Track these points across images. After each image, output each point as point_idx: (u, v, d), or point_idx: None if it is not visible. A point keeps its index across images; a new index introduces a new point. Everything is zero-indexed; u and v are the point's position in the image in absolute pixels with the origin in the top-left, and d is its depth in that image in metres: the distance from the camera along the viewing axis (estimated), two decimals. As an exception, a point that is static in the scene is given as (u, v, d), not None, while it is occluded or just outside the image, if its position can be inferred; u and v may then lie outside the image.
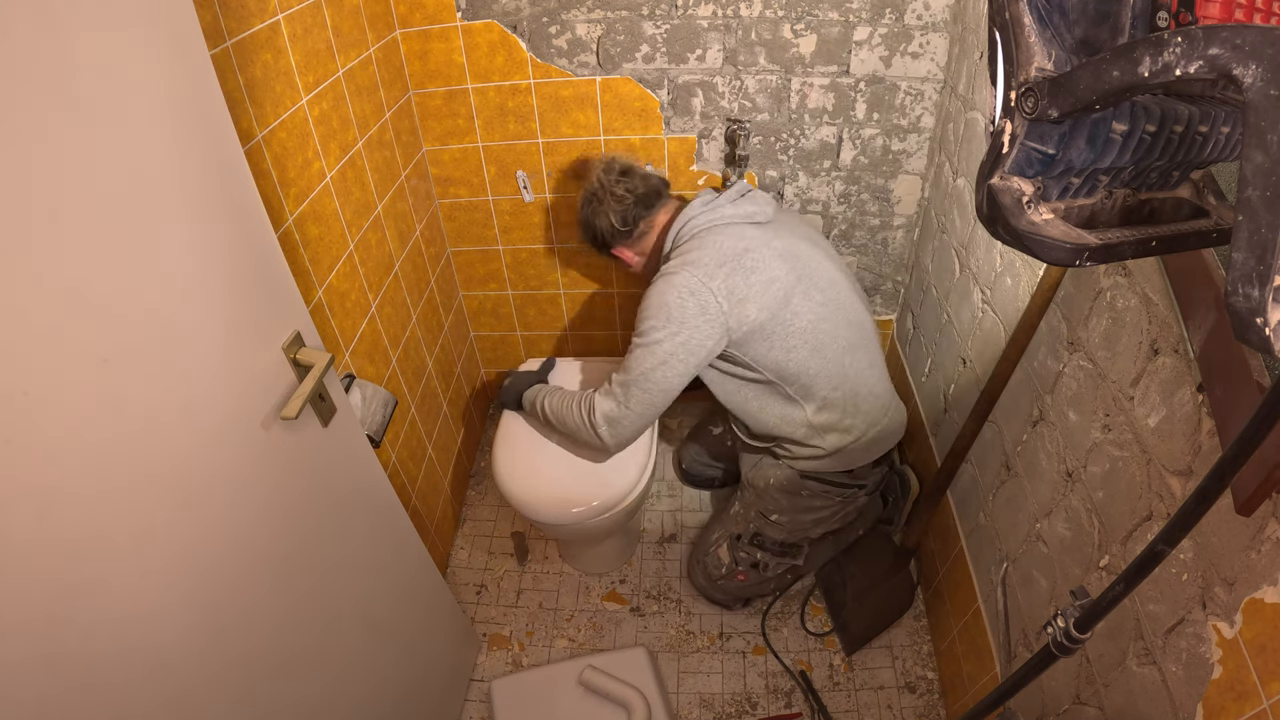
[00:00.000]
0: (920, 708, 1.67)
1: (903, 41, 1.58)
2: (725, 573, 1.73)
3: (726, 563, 1.72)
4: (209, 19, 0.94)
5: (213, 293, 0.79)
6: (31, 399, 0.57)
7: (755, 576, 1.71)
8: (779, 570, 1.70)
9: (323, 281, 1.27)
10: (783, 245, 1.43)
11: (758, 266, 1.38)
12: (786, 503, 1.62)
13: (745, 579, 1.72)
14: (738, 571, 1.72)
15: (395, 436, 1.61)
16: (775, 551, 1.68)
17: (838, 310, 1.47)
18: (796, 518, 1.63)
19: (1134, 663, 0.92)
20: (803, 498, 1.60)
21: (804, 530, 1.67)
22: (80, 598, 0.65)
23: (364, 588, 1.20)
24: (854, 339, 1.49)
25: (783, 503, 1.62)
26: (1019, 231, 0.53)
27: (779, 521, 1.65)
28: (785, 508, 1.62)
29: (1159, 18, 0.50)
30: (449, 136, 1.78)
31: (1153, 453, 0.90)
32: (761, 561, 1.69)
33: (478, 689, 1.73)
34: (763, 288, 1.37)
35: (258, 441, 0.87)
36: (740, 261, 1.37)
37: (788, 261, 1.41)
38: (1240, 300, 0.38)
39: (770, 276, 1.38)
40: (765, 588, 1.76)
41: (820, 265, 1.48)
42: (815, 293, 1.44)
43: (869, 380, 1.53)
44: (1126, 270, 0.97)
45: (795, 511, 1.63)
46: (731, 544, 1.72)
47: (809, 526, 1.66)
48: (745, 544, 1.70)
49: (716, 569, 1.74)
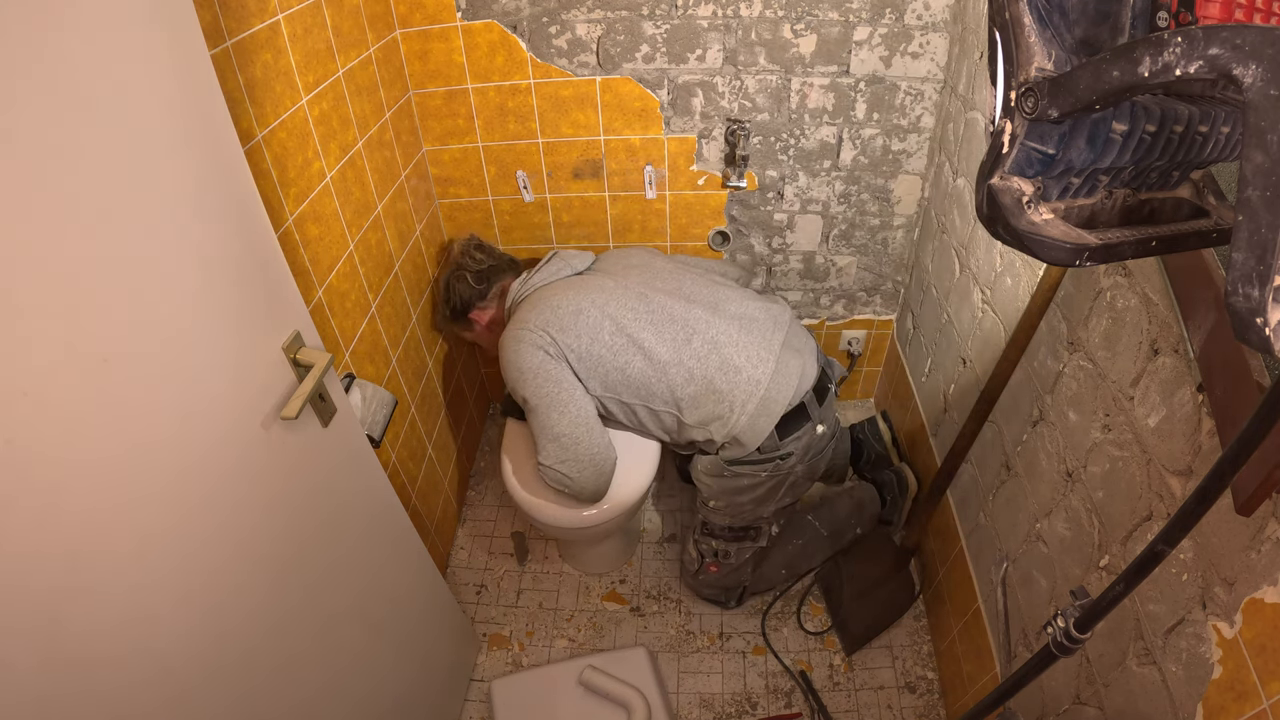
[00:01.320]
0: (920, 708, 1.67)
1: (903, 41, 1.58)
2: (698, 568, 1.78)
3: (695, 557, 1.78)
4: (209, 19, 0.94)
5: (213, 293, 0.79)
6: (32, 399, 0.57)
7: (725, 565, 1.74)
8: (743, 556, 1.72)
9: (323, 281, 1.26)
10: (594, 281, 1.59)
11: (561, 304, 1.52)
12: (717, 486, 1.62)
13: (717, 570, 1.76)
14: (708, 564, 1.76)
15: (395, 436, 1.61)
16: (728, 537, 1.71)
17: (664, 310, 1.53)
18: (731, 499, 1.63)
19: (1134, 663, 0.92)
20: (727, 478, 1.59)
21: (746, 510, 1.65)
22: (80, 599, 0.65)
23: (363, 587, 1.20)
24: (689, 330, 1.52)
25: (714, 487, 1.63)
26: (1019, 231, 0.53)
27: (716, 506, 1.66)
28: (717, 492, 1.63)
29: (1159, 18, 0.50)
30: (449, 136, 1.78)
31: (1153, 453, 0.90)
32: (720, 550, 1.73)
33: (478, 689, 1.73)
34: (572, 318, 1.50)
35: (258, 441, 0.87)
36: (549, 303, 1.53)
37: (594, 292, 1.55)
38: (1240, 300, 0.38)
39: (576, 308, 1.51)
40: (744, 574, 1.76)
41: (652, 275, 1.61)
42: (637, 303, 1.53)
43: (719, 362, 1.50)
44: (1126, 270, 0.97)
45: (728, 494, 1.62)
46: (694, 539, 1.77)
47: (749, 506, 1.64)
48: (700, 535, 1.74)
49: (690, 565, 1.80)
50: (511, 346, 1.50)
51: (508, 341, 1.52)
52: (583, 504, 1.60)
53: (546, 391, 1.48)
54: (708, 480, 1.63)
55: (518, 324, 1.53)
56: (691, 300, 1.56)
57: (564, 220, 1.94)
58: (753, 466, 1.57)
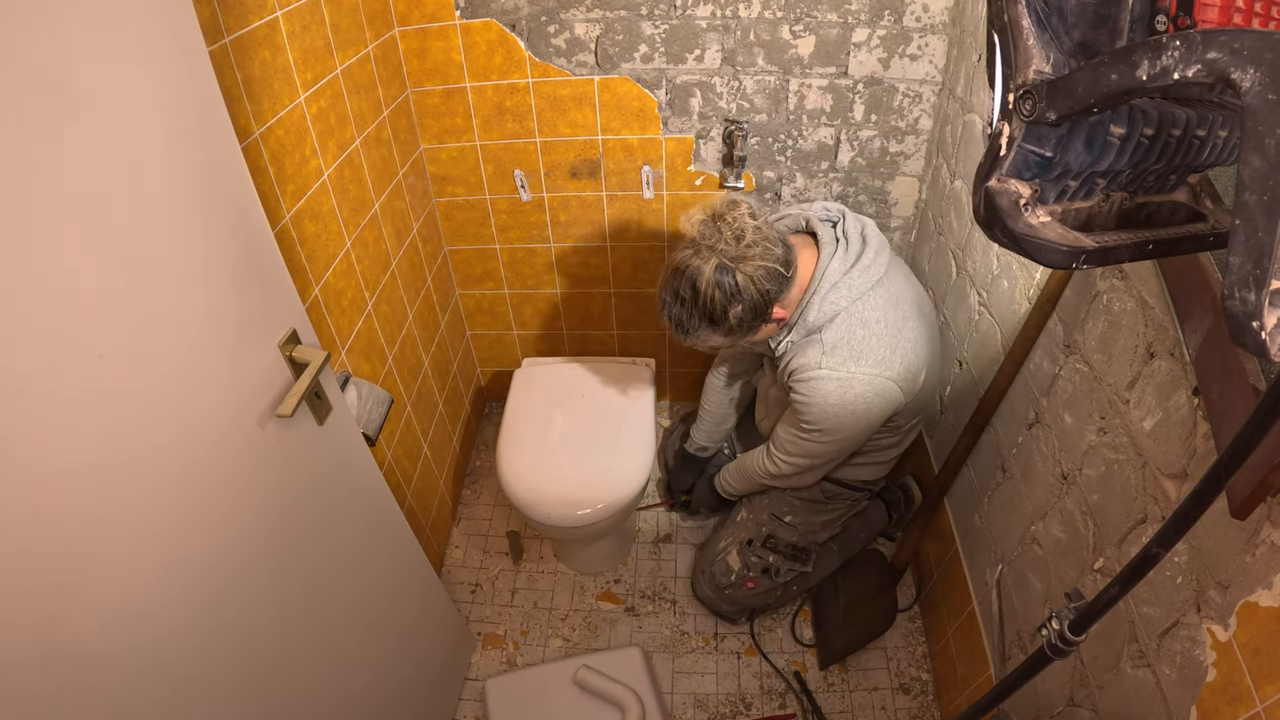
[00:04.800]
0: (914, 709, 1.67)
1: (901, 43, 1.59)
2: (734, 580, 1.68)
3: (737, 569, 1.67)
4: (207, 15, 0.93)
5: (209, 289, 0.79)
6: (27, 395, 0.57)
7: (765, 583, 1.67)
8: (788, 577, 1.68)
9: (319, 279, 1.26)
10: (910, 286, 1.40)
11: (905, 332, 1.31)
12: (800, 504, 1.61)
13: (754, 586, 1.67)
14: (748, 578, 1.67)
15: (391, 435, 1.61)
16: (787, 554, 1.65)
17: (922, 312, 1.40)
18: (809, 519, 1.63)
19: (1128, 665, 0.92)
20: (819, 500, 1.60)
21: (814, 532, 1.66)
22: (75, 595, 0.64)
23: (358, 586, 1.19)
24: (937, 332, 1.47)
25: (796, 504, 1.62)
26: (1016, 234, 0.53)
27: (792, 523, 1.64)
28: (799, 509, 1.62)
29: (1157, 21, 0.50)
30: (447, 135, 1.78)
31: (1148, 456, 0.90)
32: (773, 566, 1.65)
33: (472, 688, 1.73)
34: (915, 347, 1.32)
35: (253, 438, 0.87)
36: (902, 332, 1.30)
37: (913, 304, 1.37)
38: (1237, 304, 0.38)
39: (917, 334, 1.33)
40: (772, 597, 1.71)
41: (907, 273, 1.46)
42: (929, 317, 1.41)
43: (939, 371, 1.53)
44: (1123, 273, 0.97)
45: (808, 513, 1.62)
46: (742, 549, 1.67)
47: (819, 529, 1.65)
48: (757, 548, 1.66)
49: (725, 577, 1.69)
50: (857, 395, 1.29)
51: (855, 389, 1.29)
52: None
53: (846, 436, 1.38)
54: (792, 498, 1.62)
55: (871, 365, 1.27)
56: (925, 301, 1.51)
57: (561, 220, 1.93)
58: (842, 490, 1.61)
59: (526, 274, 2.08)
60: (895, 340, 1.29)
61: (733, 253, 1.21)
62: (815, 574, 1.75)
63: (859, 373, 1.27)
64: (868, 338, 1.27)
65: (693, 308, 1.25)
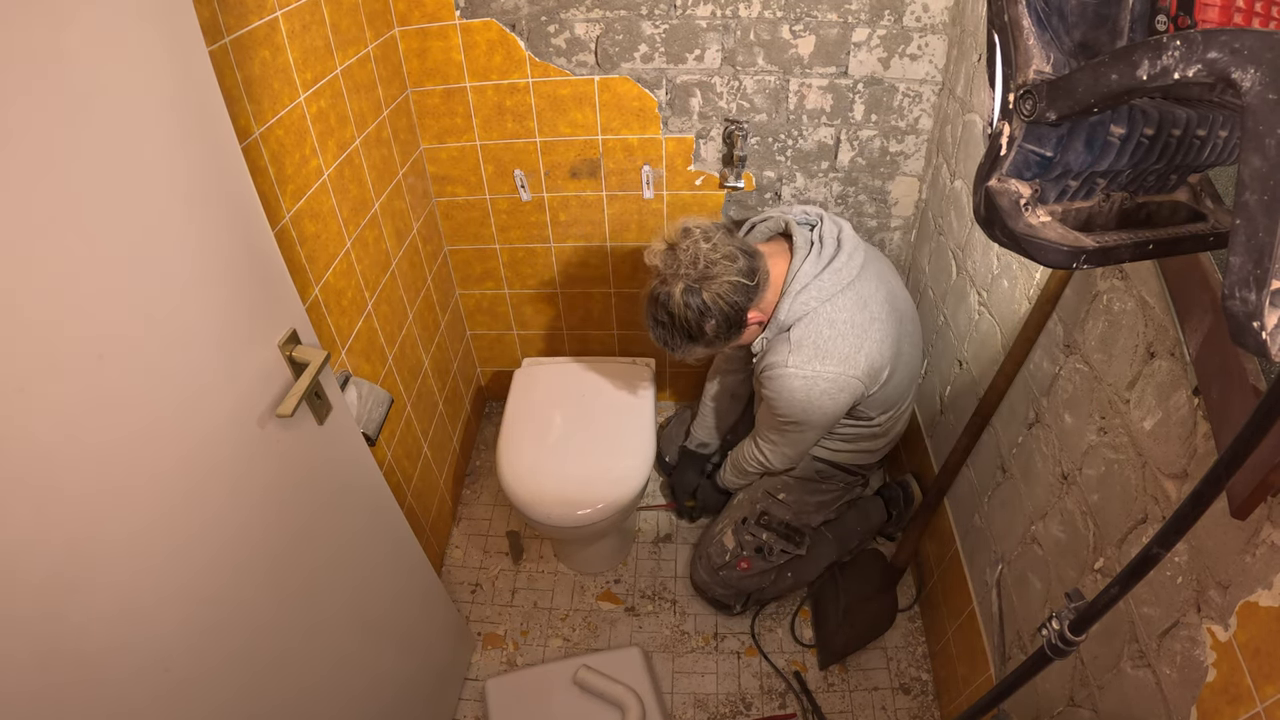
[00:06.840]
0: (915, 709, 1.67)
1: (901, 43, 1.59)
2: (729, 559, 1.71)
3: (731, 548, 1.71)
4: (207, 15, 0.93)
5: (209, 289, 0.79)
6: (27, 395, 0.57)
7: (759, 564, 1.69)
8: (782, 559, 1.69)
9: (319, 279, 1.26)
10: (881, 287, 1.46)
11: (871, 333, 1.39)
12: (794, 482, 1.65)
13: (748, 567, 1.70)
14: (741, 558, 1.70)
15: (391, 435, 1.61)
16: (780, 532, 1.68)
17: (894, 311, 1.47)
18: (802, 497, 1.66)
19: (1128, 665, 0.92)
20: (812, 479, 1.64)
21: (808, 513, 1.69)
22: (76, 594, 0.64)
23: (358, 585, 1.19)
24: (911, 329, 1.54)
25: (790, 482, 1.66)
26: (1016, 234, 0.53)
27: (785, 500, 1.67)
28: (793, 486, 1.65)
29: (1158, 21, 0.50)
30: (447, 135, 1.78)
31: (1148, 456, 0.90)
32: (767, 544, 1.68)
33: (472, 688, 1.73)
34: (880, 347, 1.40)
35: (253, 438, 0.87)
36: (868, 332, 1.38)
37: (883, 304, 1.43)
38: (1237, 304, 0.38)
39: (883, 334, 1.41)
40: (766, 580, 1.73)
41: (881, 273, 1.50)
42: (899, 316, 1.47)
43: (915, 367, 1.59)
44: (1123, 273, 0.97)
45: (802, 491, 1.66)
46: (737, 528, 1.71)
47: (813, 510, 1.69)
48: (752, 525, 1.70)
49: (720, 556, 1.73)
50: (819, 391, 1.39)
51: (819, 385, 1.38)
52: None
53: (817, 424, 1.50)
54: (788, 475, 1.67)
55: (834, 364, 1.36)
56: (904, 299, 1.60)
57: (561, 219, 1.93)
58: (835, 472, 1.66)
59: (526, 274, 2.08)
60: (861, 340, 1.37)
61: (695, 274, 1.31)
62: (810, 562, 1.76)
63: (824, 371, 1.37)
64: (834, 338, 1.36)
65: (672, 328, 1.38)
